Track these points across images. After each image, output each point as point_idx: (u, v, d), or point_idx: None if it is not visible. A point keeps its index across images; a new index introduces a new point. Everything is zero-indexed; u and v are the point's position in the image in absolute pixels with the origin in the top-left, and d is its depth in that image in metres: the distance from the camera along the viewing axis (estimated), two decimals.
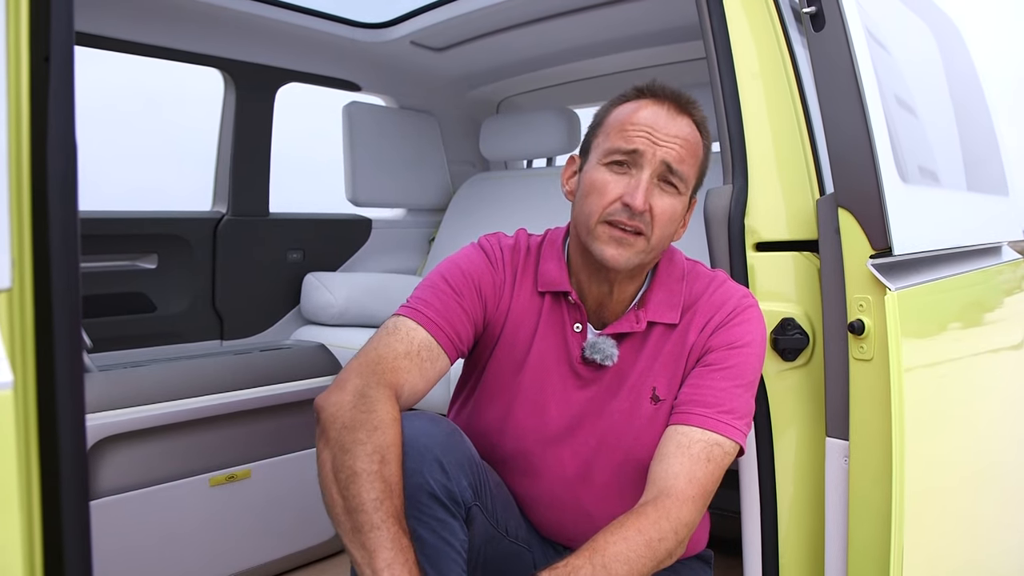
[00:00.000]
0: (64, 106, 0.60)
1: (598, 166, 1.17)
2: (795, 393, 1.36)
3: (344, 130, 2.97)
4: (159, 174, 4.55)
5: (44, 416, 0.59)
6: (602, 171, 1.16)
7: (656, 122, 1.14)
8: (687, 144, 1.16)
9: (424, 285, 1.22)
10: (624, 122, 1.16)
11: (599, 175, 1.16)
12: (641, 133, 1.14)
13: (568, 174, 1.28)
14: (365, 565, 0.92)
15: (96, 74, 2.23)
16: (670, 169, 1.14)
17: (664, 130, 1.14)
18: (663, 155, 1.13)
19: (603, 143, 1.18)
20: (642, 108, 1.16)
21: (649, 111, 1.16)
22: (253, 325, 2.71)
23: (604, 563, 0.96)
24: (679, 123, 1.16)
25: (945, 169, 1.75)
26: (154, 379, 1.77)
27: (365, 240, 3.07)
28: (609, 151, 1.16)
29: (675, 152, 1.14)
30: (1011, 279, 1.97)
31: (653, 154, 1.13)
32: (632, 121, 1.15)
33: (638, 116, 1.15)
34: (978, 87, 2.19)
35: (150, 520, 1.74)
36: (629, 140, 1.14)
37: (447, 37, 2.74)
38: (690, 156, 1.16)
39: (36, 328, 0.58)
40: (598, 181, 1.16)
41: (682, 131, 1.15)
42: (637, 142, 1.13)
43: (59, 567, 0.59)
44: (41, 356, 0.58)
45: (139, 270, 2.43)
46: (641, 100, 1.18)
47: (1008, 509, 1.85)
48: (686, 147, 1.15)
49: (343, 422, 1.01)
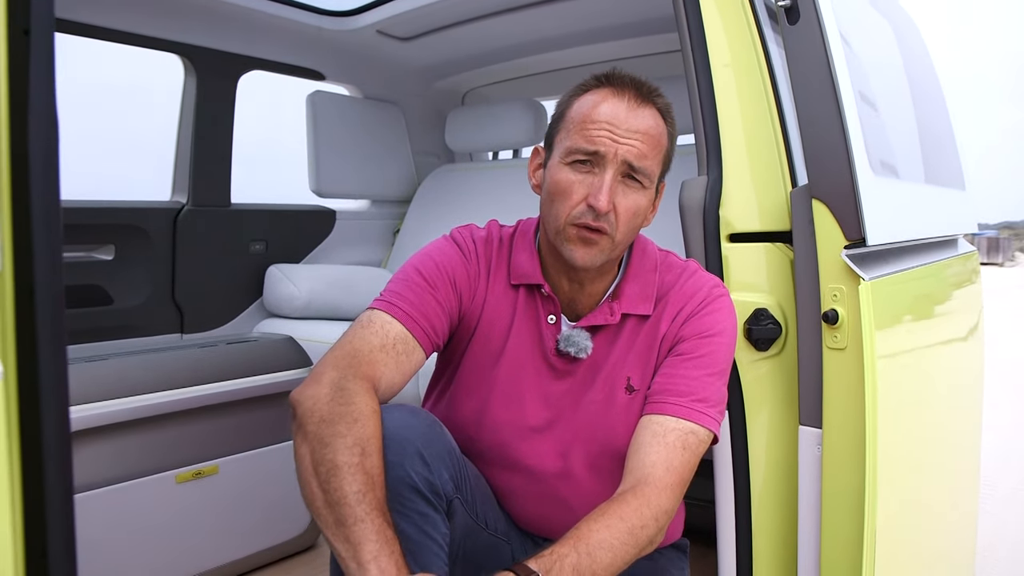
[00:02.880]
0: (45, 80, 0.57)
1: (561, 165, 1.16)
2: (768, 382, 1.38)
3: (308, 120, 2.92)
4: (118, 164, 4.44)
5: (26, 405, 0.57)
6: (565, 171, 1.15)
7: (616, 117, 1.13)
8: (649, 138, 1.14)
9: (398, 278, 1.21)
10: (585, 119, 1.14)
11: (563, 175, 1.15)
12: (602, 132, 1.12)
13: (534, 166, 1.26)
14: (350, 558, 0.91)
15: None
16: (632, 167, 1.13)
17: (625, 125, 1.12)
18: (624, 153, 1.12)
19: (564, 140, 1.16)
20: (602, 102, 1.14)
21: (609, 106, 1.14)
22: (214, 318, 2.66)
23: (589, 551, 0.96)
24: (641, 115, 1.14)
25: (909, 163, 1.79)
26: (117, 373, 1.72)
27: (329, 232, 3.03)
28: (571, 150, 1.14)
29: (636, 149, 1.12)
30: (967, 270, 2.03)
31: (615, 153, 1.12)
32: (592, 118, 1.13)
33: (598, 112, 1.13)
34: (936, 83, 2.24)
35: (116, 518, 1.69)
36: (590, 140, 1.12)
37: (414, 27, 2.71)
38: (652, 150, 1.15)
39: (17, 315, 0.56)
40: (562, 182, 1.14)
41: (644, 124, 1.14)
42: (598, 142, 1.12)
43: (43, 561, 0.57)
44: (22, 344, 0.56)
45: (95, 261, 2.35)
46: (601, 91, 1.16)
47: (958, 490, 1.91)
48: (648, 141, 1.14)
49: (321, 415, 1.00)
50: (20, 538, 0.56)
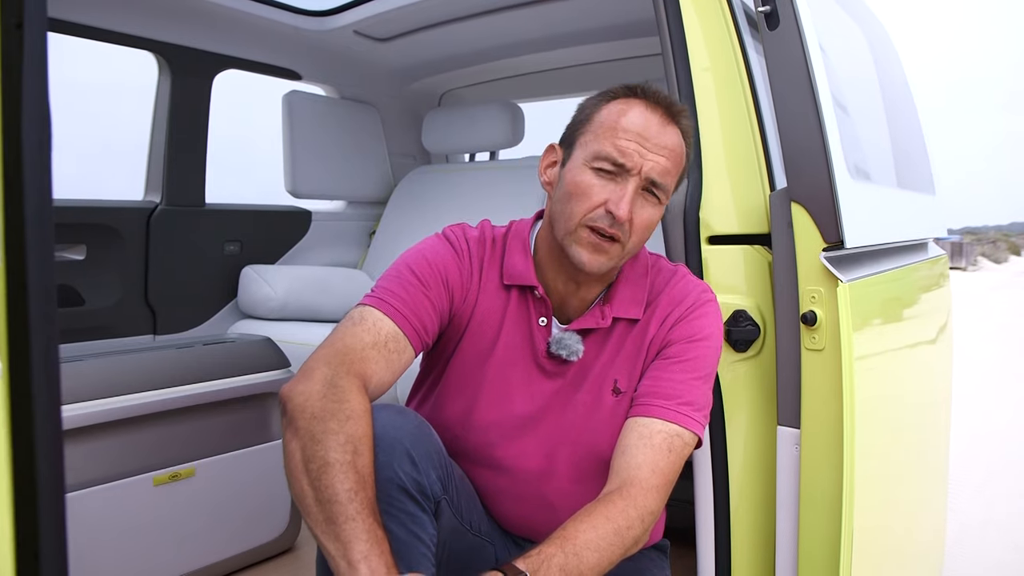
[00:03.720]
0: (38, 74, 0.56)
1: (583, 167, 1.15)
2: (747, 383, 1.39)
3: (283, 120, 2.90)
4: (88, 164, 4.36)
5: (19, 404, 0.56)
6: (588, 174, 1.14)
7: (647, 129, 1.13)
8: (673, 155, 1.15)
9: (390, 275, 1.20)
10: (615, 125, 1.14)
11: (584, 177, 1.14)
12: (631, 143, 1.12)
13: (547, 163, 1.25)
14: (340, 557, 0.90)
15: None
16: (654, 183, 1.13)
17: (654, 140, 1.13)
18: (650, 169, 1.12)
19: (591, 143, 1.15)
20: (633, 109, 1.14)
21: (640, 115, 1.14)
22: (188, 319, 2.63)
23: (576, 551, 0.97)
24: (668, 132, 1.15)
25: (883, 167, 1.83)
26: (91, 374, 1.69)
27: (305, 232, 3.01)
28: (597, 155, 1.14)
29: (661, 165, 1.13)
30: (938, 273, 2.08)
31: (641, 167, 1.12)
32: (623, 126, 1.13)
33: (629, 120, 1.13)
34: (907, 90, 2.29)
35: (92, 522, 1.66)
36: (620, 150, 1.12)
37: (391, 27, 2.70)
38: (675, 167, 1.16)
39: (8, 312, 0.55)
40: (583, 184, 1.14)
41: (671, 141, 1.14)
42: (628, 154, 1.12)
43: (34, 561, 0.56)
44: (14, 342, 0.55)
45: (66, 261, 2.32)
46: (633, 101, 1.16)
47: (929, 488, 1.95)
48: (672, 159, 1.15)
49: (312, 411, 0.99)
50: (10, 539, 0.56)
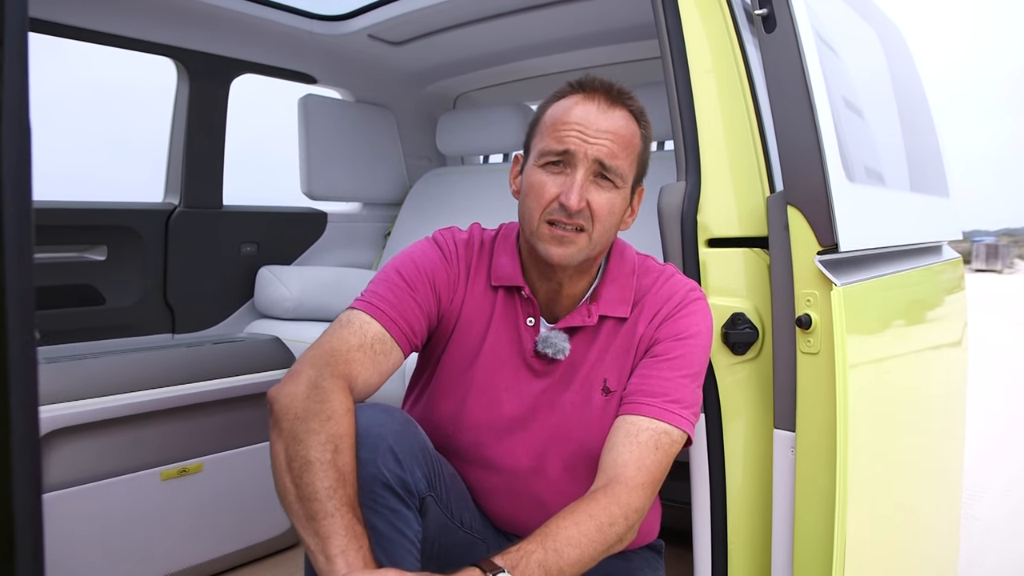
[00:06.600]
0: (18, 83, 0.59)
1: (535, 167, 1.19)
2: (745, 386, 1.39)
3: (299, 123, 2.94)
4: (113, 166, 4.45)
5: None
6: (539, 172, 1.18)
7: (587, 119, 1.16)
8: (619, 138, 1.17)
9: (378, 279, 1.23)
10: (556, 122, 1.17)
11: (536, 176, 1.18)
12: (572, 132, 1.15)
13: (514, 173, 1.29)
14: (319, 551, 0.93)
15: (48, 65, 2.17)
16: (603, 166, 1.15)
17: (595, 126, 1.15)
18: (595, 153, 1.15)
19: (538, 143, 1.20)
20: (574, 106, 1.17)
21: (580, 108, 1.17)
22: (205, 318, 2.67)
23: (556, 547, 0.98)
24: (611, 117, 1.17)
25: (890, 170, 1.81)
26: (105, 371, 1.73)
27: (320, 234, 3.05)
28: (543, 152, 1.18)
29: (607, 148, 1.15)
30: (950, 278, 2.05)
31: (585, 153, 1.15)
32: (564, 121, 1.17)
33: (569, 115, 1.17)
34: (921, 92, 2.26)
35: (101, 514, 1.70)
36: (561, 141, 1.15)
37: (405, 31, 2.73)
38: (623, 150, 1.17)
39: None
40: (536, 183, 1.18)
41: (614, 124, 1.17)
42: (568, 142, 1.15)
43: (10, 562, 0.58)
44: None
45: (88, 262, 2.37)
46: (573, 96, 1.19)
47: (940, 495, 1.92)
48: (619, 141, 1.17)
49: (296, 412, 1.01)
50: None
